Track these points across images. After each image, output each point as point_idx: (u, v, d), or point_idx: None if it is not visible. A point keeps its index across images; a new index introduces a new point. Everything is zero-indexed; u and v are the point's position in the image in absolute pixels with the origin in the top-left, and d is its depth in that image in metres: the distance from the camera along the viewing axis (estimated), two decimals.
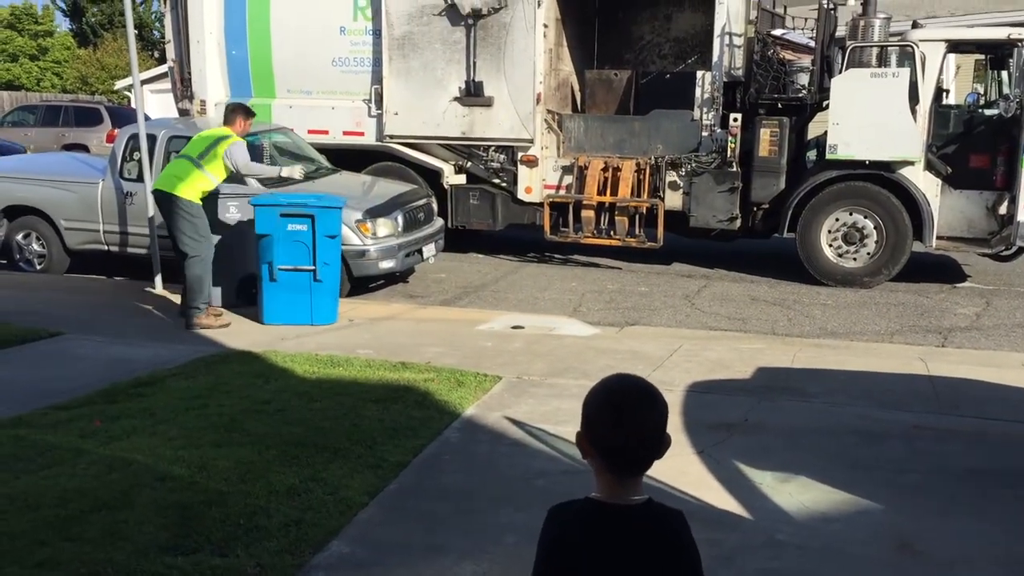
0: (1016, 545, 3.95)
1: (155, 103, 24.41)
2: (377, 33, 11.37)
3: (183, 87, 12.27)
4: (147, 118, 9.73)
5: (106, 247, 9.87)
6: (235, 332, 7.45)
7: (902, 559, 3.81)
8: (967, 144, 9.87)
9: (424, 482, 4.45)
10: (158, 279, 9.05)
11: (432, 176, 11.44)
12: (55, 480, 4.20)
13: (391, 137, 11.52)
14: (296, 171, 8.43)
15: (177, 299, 8.14)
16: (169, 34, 12.50)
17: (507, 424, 5.26)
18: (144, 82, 11.25)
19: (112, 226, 9.71)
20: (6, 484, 4.18)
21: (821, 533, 3.99)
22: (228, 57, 12.05)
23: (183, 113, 12.32)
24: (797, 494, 4.34)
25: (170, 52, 12.50)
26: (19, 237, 10.14)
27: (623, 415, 1.86)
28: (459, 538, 3.88)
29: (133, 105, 21.09)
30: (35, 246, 10.12)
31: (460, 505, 4.20)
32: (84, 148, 20.12)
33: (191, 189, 7.65)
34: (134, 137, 9.43)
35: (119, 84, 33.23)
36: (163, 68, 22.15)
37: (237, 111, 7.99)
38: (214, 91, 12.10)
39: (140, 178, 9.26)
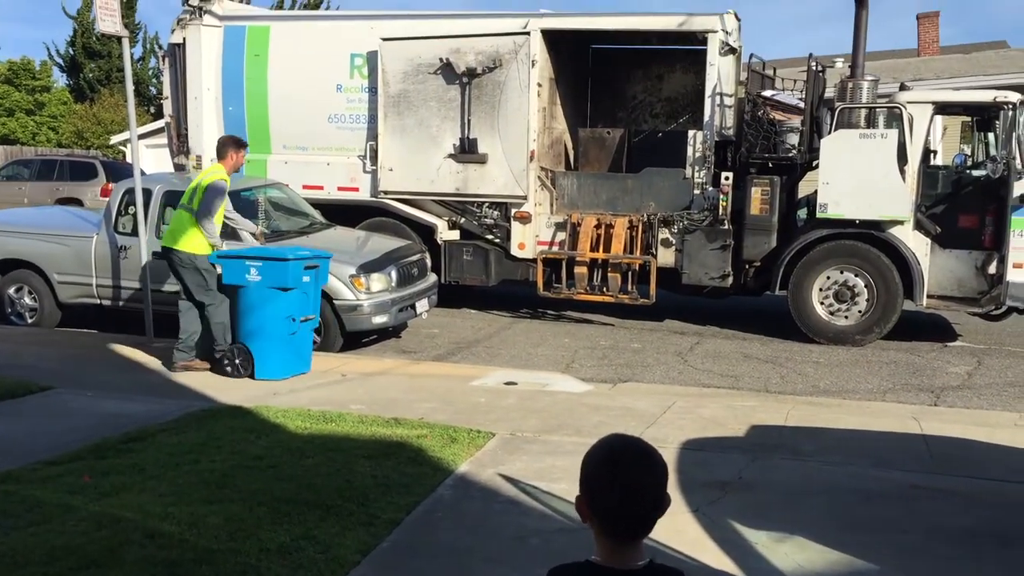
0: None
1: (151, 158, 24.54)
2: (373, 91, 11.53)
3: (180, 142, 12.38)
4: (143, 173, 9.79)
5: (99, 301, 9.85)
6: (226, 386, 7.40)
7: None
8: (956, 204, 9.99)
9: (417, 540, 4.40)
10: (150, 333, 9.03)
11: (426, 232, 11.51)
12: (43, 537, 4.14)
13: (386, 193, 11.61)
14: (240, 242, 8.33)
15: (164, 354, 8.10)
16: (167, 90, 12.65)
17: (501, 481, 5.22)
18: (140, 137, 11.33)
19: (105, 280, 9.70)
20: None
21: None
22: (225, 113, 12.18)
23: (179, 168, 12.40)
24: (793, 554, 4.31)
25: (167, 108, 12.64)
26: (11, 291, 10.12)
27: (620, 478, 1.85)
28: None
29: (129, 160, 21.16)
30: (27, 299, 10.10)
31: (454, 564, 4.15)
32: (78, 202, 20.14)
33: (192, 241, 7.76)
34: (129, 191, 9.49)
35: (115, 139, 33.43)
36: (159, 123, 22.33)
37: (228, 144, 8.11)
38: (210, 146, 12.10)
39: (135, 232, 9.30)
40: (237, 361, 7.68)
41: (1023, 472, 5.56)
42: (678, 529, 4.41)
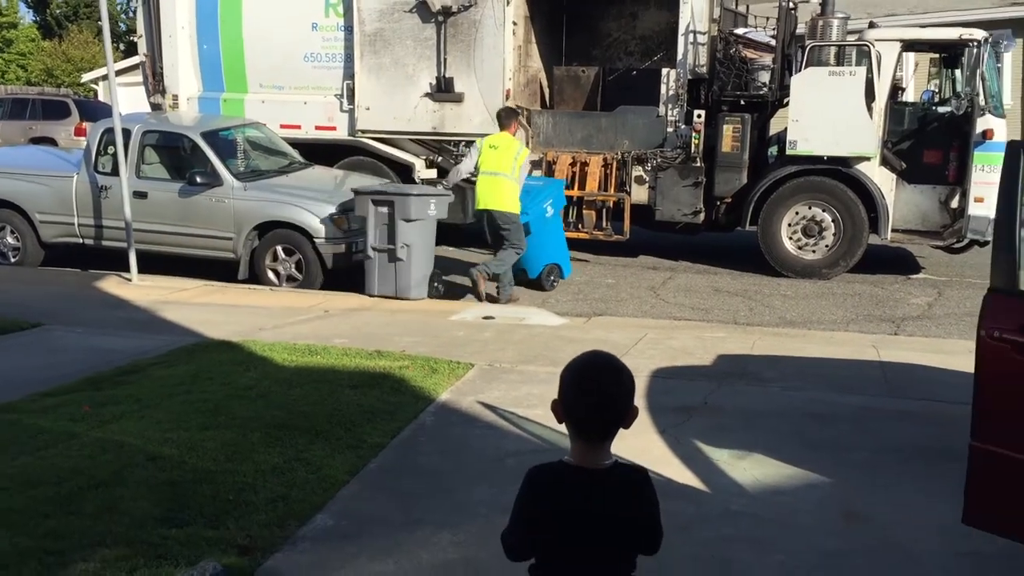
0: (954, 513, 4.24)
1: (123, 96, 24.24)
2: (349, 29, 11.54)
3: (155, 81, 12.36)
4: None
5: (81, 240, 9.98)
6: (212, 322, 7.57)
7: (847, 526, 4.11)
8: (921, 140, 10.25)
9: (402, 462, 4.69)
10: (133, 271, 9.20)
11: (404, 170, 11.65)
12: (51, 461, 4.39)
13: (363, 132, 11.70)
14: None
15: (148, 292, 8.29)
16: (141, 28, 12.58)
17: (480, 408, 5.50)
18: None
19: (87, 219, 9.82)
20: (4, 464, 4.37)
21: (773, 504, 4.28)
22: (200, 52, 12.16)
23: (155, 107, 12.41)
24: (751, 469, 4.64)
25: (142, 46, 12.58)
26: None
27: (590, 384, 2.14)
28: (436, 512, 4.13)
29: (101, 98, 20.95)
30: (9, 239, 10.20)
31: (436, 483, 4.45)
32: (52, 141, 20.01)
33: (514, 203, 8.55)
34: (109, 131, 9.55)
35: (86, 77, 32.93)
36: (131, 61, 22.04)
37: (511, 115, 8.96)
38: (186, 86, 12.22)
39: (115, 172, 9.39)
40: (552, 278, 9.49)
41: None
42: (644, 448, 4.72)
